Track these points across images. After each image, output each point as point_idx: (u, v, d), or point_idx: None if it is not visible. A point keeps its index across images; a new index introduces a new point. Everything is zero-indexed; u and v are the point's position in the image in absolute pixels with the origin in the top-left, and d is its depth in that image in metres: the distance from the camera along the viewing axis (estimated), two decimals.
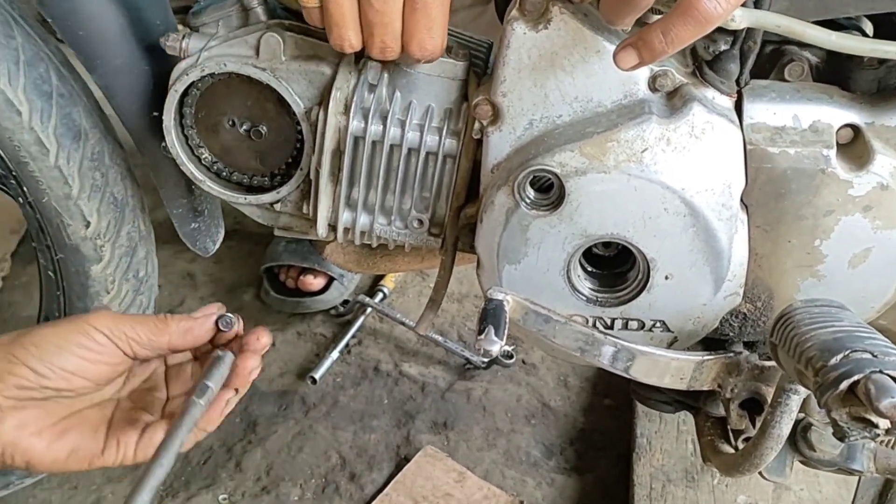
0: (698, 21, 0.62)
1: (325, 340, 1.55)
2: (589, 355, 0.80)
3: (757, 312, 0.85)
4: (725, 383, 0.84)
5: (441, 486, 1.25)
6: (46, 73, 0.87)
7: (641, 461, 1.26)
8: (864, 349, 0.66)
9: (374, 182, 0.87)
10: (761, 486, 1.22)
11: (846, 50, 0.72)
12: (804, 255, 0.81)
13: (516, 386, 1.46)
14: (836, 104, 0.79)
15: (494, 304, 0.76)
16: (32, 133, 0.86)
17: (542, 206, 0.80)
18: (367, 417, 1.39)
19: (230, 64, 0.84)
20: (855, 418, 0.64)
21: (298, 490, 1.27)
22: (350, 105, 0.83)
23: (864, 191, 0.77)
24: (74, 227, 0.93)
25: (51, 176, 0.89)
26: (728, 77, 0.77)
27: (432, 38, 0.74)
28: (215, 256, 1.74)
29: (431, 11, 0.73)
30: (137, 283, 1.04)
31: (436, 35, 0.75)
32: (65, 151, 0.89)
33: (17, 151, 0.87)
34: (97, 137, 0.93)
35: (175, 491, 1.26)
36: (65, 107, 0.89)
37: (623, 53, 0.67)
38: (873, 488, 0.97)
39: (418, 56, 0.76)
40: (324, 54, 0.85)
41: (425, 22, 0.73)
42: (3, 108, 0.84)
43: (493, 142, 0.81)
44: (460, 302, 1.65)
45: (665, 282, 0.81)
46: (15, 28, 0.85)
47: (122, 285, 1.02)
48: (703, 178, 0.76)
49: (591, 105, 0.78)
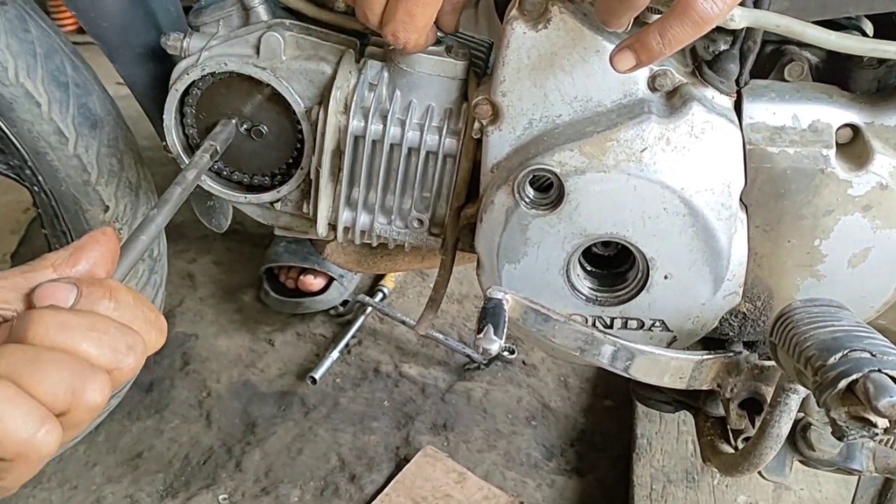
0: (696, 22, 0.62)
1: (324, 341, 1.55)
2: (588, 355, 0.80)
3: (756, 312, 0.85)
4: (725, 383, 0.84)
5: (441, 487, 1.25)
6: (62, 64, 0.90)
7: (641, 462, 1.26)
8: (863, 348, 0.66)
9: (374, 181, 0.87)
10: (761, 486, 1.22)
11: (846, 50, 0.72)
12: (804, 254, 0.82)
13: (516, 387, 1.46)
14: (835, 104, 0.79)
15: (494, 303, 0.76)
16: (52, 123, 0.89)
17: (542, 205, 0.80)
18: (367, 418, 1.39)
19: (231, 63, 0.84)
20: (854, 417, 0.64)
21: (298, 491, 1.27)
22: (350, 104, 0.83)
23: (863, 190, 0.78)
24: (93, 212, 0.97)
25: (70, 164, 0.92)
26: (728, 77, 0.77)
27: (406, 30, 0.75)
28: (215, 257, 1.75)
29: (411, 7, 0.74)
30: (152, 263, 1.08)
31: (410, 29, 0.75)
32: (83, 140, 0.92)
33: (37, 142, 0.90)
34: (111, 124, 0.96)
35: (175, 491, 1.26)
36: (81, 96, 0.91)
37: (620, 55, 0.67)
38: (873, 488, 0.97)
39: (391, 42, 0.77)
40: (324, 54, 0.85)
41: (403, 14, 0.74)
42: (22, 100, 0.86)
43: (493, 141, 0.81)
44: (460, 302, 1.65)
45: (664, 281, 0.81)
46: (30, 22, 0.87)
47: (139, 265, 1.05)
48: (702, 178, 0.76)
49: (590, 105, 0.78)
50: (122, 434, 1.35)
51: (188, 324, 1.59)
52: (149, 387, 1.43)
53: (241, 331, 1.58)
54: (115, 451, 1.32)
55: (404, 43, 0.77)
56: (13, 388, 0.44)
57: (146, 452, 1.32)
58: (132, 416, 1.38)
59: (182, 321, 1.59)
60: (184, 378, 1.46)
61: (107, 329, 0.48)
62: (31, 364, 0.45)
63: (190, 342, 1.54)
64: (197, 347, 1.53)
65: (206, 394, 1.43)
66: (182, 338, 1.55)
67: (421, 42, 0.78)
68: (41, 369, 0.45)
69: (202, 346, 1.54)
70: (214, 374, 1.48)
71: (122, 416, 1.37)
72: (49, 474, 1.27)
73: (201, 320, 1.60)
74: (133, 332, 0.50)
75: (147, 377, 1.44)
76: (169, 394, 1.43)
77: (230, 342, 1.55)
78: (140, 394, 1.41)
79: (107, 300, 0.50)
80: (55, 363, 0.45)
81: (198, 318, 1.61)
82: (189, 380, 1.46)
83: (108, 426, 1.34)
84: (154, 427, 1.37)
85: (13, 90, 0.86)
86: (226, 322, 1.60)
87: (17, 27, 0.85)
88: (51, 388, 0.45)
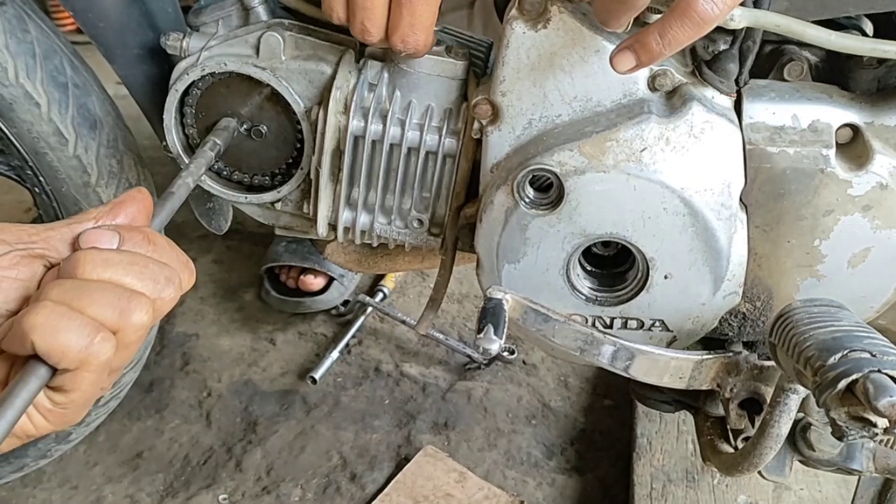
0: (696, 22, 0.62)
1: (325, 340, 1.55)
2: (588, 354, 0.80)
3: (756, 312, 0.85)
4: (725, 383, 0.84)
5: (442, 486, 1.25)
6: (61, 64, 0.89)
7: (642, 461, 1.26)
8: (863, 349, 0.66)
9: (373, 181, 0.87)
10: (761, 486, 1.22)
11: (846, 49, 0.72)
12: (803, 254, 0.81)
13: (517, 386, 1.46)
14: (835, 104, 0.79)
15: (494, 302, 0.76)
16: (51, 124, 0.88)
17: (542, 205, 0.80)
18: (368, 417, 1.39)
19: (230, 63, 0.84)
20: (853, 417, 0.64)
21: (299, 490, 1.27)
22: (350, 104, 0.83)
23: (863, 190, 0.77)
24: None
25: (70, 165, 0.92)
26: (727, 76, 0.77)
27: (414, 34, 0.75)
28: (215, 256, 1.75)
29: (416, 8, 0.74)
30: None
31: (418, 31, 0.75)
32: (83, 141, 0.92)
33: (36, 142, 0.89)
34: (111, 125, 0.96)
35: (175, 491, 1.26)
36: (80, 97, 0.91)
37: (620, 56, 0.67)
38: (873, 488, 0.97)
39: (400, 49, 0.77)
40: (324, 54, 0.85)
41: (409, 18, 0.74)
42: (22, 100, 0.86)
43: (493, 141, 0.81)
44: (460, 302, 1.65)
45: (664, 281, 0.81)
46: (29, 22, 0.87)
47: None
48: (702, 178, 0.76)
49: (590, 104, 0.78)
50: (122, 434, 1.35)
51: (189, 323, 1.59)
52: (149, 387, 1.43)
53: (241, 330, 1.58)
54: (115, 450, 1.32)
55: (414, 46, 0.76)
56: (66, 308, 0.49)
57: (146, 452, 1.32)
58: (132, 416, 1.38)
59: (183, 321, 1.59)
60: (184, 378, 1.46)
61: (146, 264, 0.54)
62: (80, 290, 0.50)
63: (191, 342, 1.54)
64: (198, 347, 1.53)
65: (206, 393, 1.44)
66: (183, 337, 1.55)
67: (428, 43, 0.78)
68: (90, 294, 0.50)
69: (203, 345, 1.54)
70: (215, 373, 1.48)
71: (122, 416, 1.37)
72: (49, 474, 1.27)
73: (202, 320, 1.60)
74: (170, 268, 0.55)
75: (147, 377, 1.44)
76: (169, 393, 1.43)
77: (231, 341, 1.55)
78: (140, 394, 1.41)
79: (145, 243, 0.55)
80: (102, 290, 0.51)
81: (198, 317, 1.61)
82: (189, 379, 1.46)
83: (109, 426, 1.34)
84: (154, 427, 1.37)
85: (12, 91, 0.86)
86: (227, 321, 1.60)
87: (16, 27, 0.85)
88: (100, 309, 0.50)
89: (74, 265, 0.52)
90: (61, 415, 0.53)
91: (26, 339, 0.48)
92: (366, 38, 0.77)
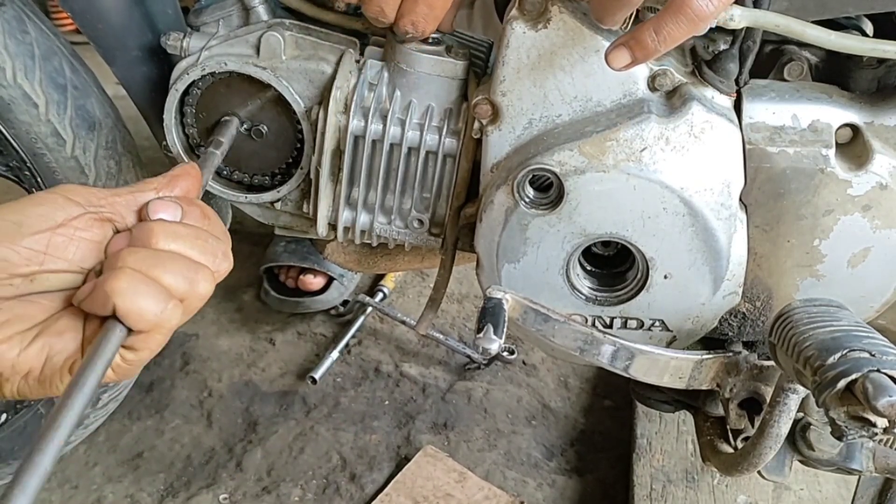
0: (690, 19, 0.62)
1: (325, 340, 1.55)
2: (588, 354, 0.80)
3: (756, 312, 0.85)
4: (724, 383, 0.84)
5: (441, 487, 1.25)
6: (60, 66, 0.89)
7: (641, 462, 1.26)
8: (862, 348, 0.66)
9: (373, 181, 0.87)
10: (761, 486, 1.22)
11: (846, 49, 0.72)
12: (803, 254, 0.81)
13: (517, 387, 1.46)
14: (835, 104, 0.79)
15: (493, 302, 0.76)
16: (49, 125, 0.88)
17: (542, 205, 0.80)
18: (368, 418, 1.39)
19: (231, 63, 0.84)
20: (853, 417, 0.64)
21: (299, 490, 1.27)
22: (350, 104, 0.83)
23: (863, 190, 0.78)
24: None
25: (67, 166, 0.92)
26: (727, 76, 0.77)
27: (426, 19, 0.77)
28: None
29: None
30: None
31: (430, 18, 0.77)
32: (81, 142, 0.92)
33: (34, 143, 0.89)
34: (109, 126, 0.95)
35: (175, 491, 1.26)
36: (79, 98, 0.91)
37: (615, 52, 0.67)
38: (873, 487, 0.97)
39: (406, 30, 0.78)
40: (324, 53, 0.85)
41: (424, 5, 0.76)
42: (20, 101, 0.86)
43: (493, 141, 0.81)
44: (460, 302, 1.65)
45: (664, 281, 0.81)
46: (28, 23, 0.87)
47: None
48: (702, 178, 0.76)
49: (590, 104, 0.78)
50: (122, 434, 1.35)
51: (188, 323, 1.57)
52: (149, 387, 1.43)
53: (241, 330, 1.58)
54: (115, 450, 1.32)
55: (423, 31, 0.78)
56: (143, 276, 0.54)
57: (147, 452, 1.32)
58: (133, 416, 1.38)
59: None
60: (184, 378, 1.46)
61: (207, 239, 0.59)
62: (155, 259, 0.55)
63: (190, 342, 1.54)
64: (197, 347, 1.53)
65: (206, 393, 1.43)
66: (182, 337, 1.55)
67: (434, 28, 0.80)
68: (164, 263, 0.55)
69: (203, 345, 1.54)
70: (215, 373, 1.48)
71: (122, 416, 1.37)
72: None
73: (202, 320, 1.60)
74: (224, 243, 0.62)
75: (147, 377, 1.44)
76: (169, 394, 1.43)
77: (231, 342, 1.55)
78: (140, 394, 1.41)
79: (202, 218, 0.61)
80: (173, 261, 0.56)
81: (198, 317, 1.61)
82: (190, 379, 1.46)
83: (109, 426, 1.34)
84: (155, 427, 1.37)
85: (11, 91, 0.86)
86: (226, 321, 1.60)
87: (15, 28, 0.85)
88: (172, 278, 0.55)
89: (148, 235, 0.56)
90: (126, 370, 0.58)
91: (108, 302, 0.52)
92: (379, 20, 0.78)
